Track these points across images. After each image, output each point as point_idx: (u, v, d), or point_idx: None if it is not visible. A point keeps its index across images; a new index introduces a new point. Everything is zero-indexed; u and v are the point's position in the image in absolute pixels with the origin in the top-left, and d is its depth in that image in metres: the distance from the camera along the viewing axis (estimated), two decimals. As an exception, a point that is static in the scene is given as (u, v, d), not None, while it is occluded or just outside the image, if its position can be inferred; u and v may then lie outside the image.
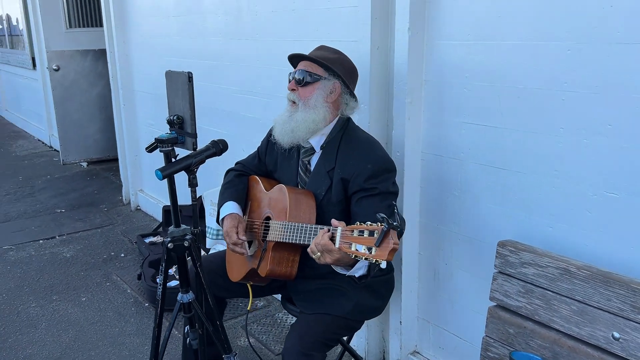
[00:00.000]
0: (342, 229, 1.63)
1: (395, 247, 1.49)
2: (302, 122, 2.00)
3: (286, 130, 2.03)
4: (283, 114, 2.08)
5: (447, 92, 2.21)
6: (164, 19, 4.08)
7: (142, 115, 4.80)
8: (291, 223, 1.89)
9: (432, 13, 2.20)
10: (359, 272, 1.76)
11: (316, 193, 2.03)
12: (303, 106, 2.01)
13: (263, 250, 2.01)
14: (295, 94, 2.04)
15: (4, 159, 7.06)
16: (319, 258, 1.71)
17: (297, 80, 2.04)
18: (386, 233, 1.48)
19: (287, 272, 1.99)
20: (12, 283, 3.67)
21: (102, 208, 5.15)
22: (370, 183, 1.93)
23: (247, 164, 2.34)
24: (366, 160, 1.96)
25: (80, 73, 6.30)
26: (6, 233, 4.54)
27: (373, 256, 1.49)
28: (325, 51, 2.08)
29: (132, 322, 3.18)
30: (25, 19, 7.33)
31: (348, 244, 1.58)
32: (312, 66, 2.04)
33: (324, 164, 2.04)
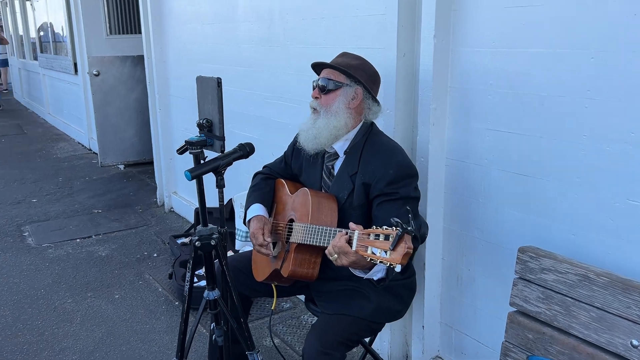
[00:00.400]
0: (359, 232, 1.68)
1: (409, 252, 1.52)
2: (324, 128, 2.05)
3: (309, 137, 2.09)
4: (307, 122, 2.14)
5: (471, 99, 2.23)
6: (199, 26, 4.20)
7: (176, 119, 4.94)
8: (313, 225, 1.94)
9: (457, 21, 2.23)
10: (377, 275, 1.80)
11: (338, 197, 2.07)
12: (324, 113, 2.07)
13: (286, 251, 2.07)
14: (317, 102, 2.09)
15: (45, 161, 7.33)
16: (336, 260, 1.76)
17: (320, 87, 2.09)
18: (400, 237, 1.52)
19: (308, 274, 2.04)
20: (50, 279, 3.81)
21: (137, 209, 5.30)
22: (391, 188, 1.97)
23: (274, 167, 2.40)
24: (388, 165, 2.00)
25: (119, 78, 6.50)
26: (46, 231, 4.72)
27: (387, 260, 1.53)
28: (347, 58, 2.13)
29: (162, 319, 3.28)
30: (69, 26, 7.62)
31: (364, 247, 1.62)
32: (334, 73, 2.08)
33: (346, 168, 2.09)
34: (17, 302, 3.50)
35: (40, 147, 8.26)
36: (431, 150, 2.35)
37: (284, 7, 3.18)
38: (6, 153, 7.81)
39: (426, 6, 2.25)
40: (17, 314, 3.34)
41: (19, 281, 3.78)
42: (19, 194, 5.81)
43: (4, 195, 5.75)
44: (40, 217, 5.07)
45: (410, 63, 2.41)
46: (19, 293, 3.61)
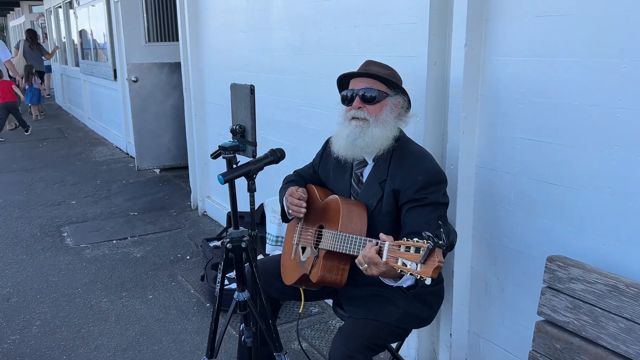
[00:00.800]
0: (389, 244, 1.70)
1: (440, 265, 1.53)
2: (379, 137, 2.04)
3: (359, 145, 2.05)
4: (347, 129, 2.08)
5: (502, 107, 2.24)
6: (234, 34, 4.30)
7: (211, 125, 5.04)
8: (342, 233, 1.97)
9: (488, 30, 2.24)
10: (407, 283, 1.82)
11: (368, 204, 2.09)
12: (375, 122, 2.05)
13: (315, 257, 2.10)
14: (363, 111, 2.07)
15: (85, 164, 7.56)
16: (366, 269, 1.78)
17: (365, 98, 2.07)
18: (432, 251, 1.53)
19: (337, 280, 2.07)
20: (87, 278, 3.94)
21: (171, 212, 5.42)
22: (420, 194, 1.98)
23: (303, 173, 2.45)
24: (417, 171, 2.02)
25: (157, 85, 6.67)
26: (84, 232, 4.87)
27: (418, 272, 1.54)
28: (378, 67, 2.15)
29: (194, 320, 3.35)
30: (109, 33, 7.86)
31: (394, 258, 1.64)
32: (376, 83, 2.09)
33: (376, 175, 2.11)
34: (55, 299, 3.62)
35: (80, 150, 8.52)
36: (461, 158, 2.36)
37: (318, 16, 3.24)
38: (48, 156, 8.07)
39: (457, 15, 2.27)
40: (55, 311, 3.46)
41: (58, 280, 3.92)
42: (59, 195, 6.01)
43: (45, 197, 5.95)
44: (79, 219, 5.23)
45: (440, 71, 2.42)
46: (58, 291, 3.74)
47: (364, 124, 2.06)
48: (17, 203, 5.74)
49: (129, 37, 6.55)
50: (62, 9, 11.77)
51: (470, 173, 2.39)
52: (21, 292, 3.73)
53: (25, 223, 5.12)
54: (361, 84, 2.11)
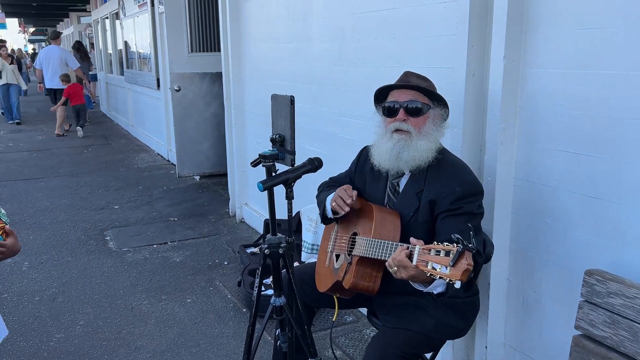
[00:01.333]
0: (419, 247, 1.72)
1: (469, 268, 1.55)
2: (424, 150, 2.03)
3: (404, 158, 2.04)
4: (390, 143, 2.07)
5: (541, 120, 2.23)
6: (274, 45, 4.38)
7: (250, 134, 5.14)
8: (374, 239, 2.00)
9: (528, 42, 2.24)
10: (437, 290, 1.84)
11: (404, 214, 2.11)
12: (418, 134, 2.05)
13: (348, 263, 2.13)
14: (407, 124, 2.06)
15: (128, 170, 7.78)
16: (395, 272, 1.80)
17: (410, 110, 2.07)
18: (461, 254, 1.55)
19: (369, 287, 2.09)
20: (128, 281, 4.06)
21: (210, 219, 5.53)
22: (456, 204, 2.00)
23: (339, 181, 2.47)
24: (454, 182, 2.03)
25: (198, 94, 6.83)
26: (125, 236, 5.01)
27: (447, 275, 1.56)
28: (418, 78, 2.16)
29: (231, 325, 3.41)
30: (154, 44, 8.09)
31: (424, 262, 1.66)
32: (419, 95, 2.09)
33: (412, 186, 2.12)
34: (98, 301, 3.75)
35: (123, 157, 8.77)
36: (499, 169, 2.36)
37: (356, 27, 3.28)
38: (92, 162, 8.34)
39: (497, 27, 2.27)
40: (98, 312, 3.58)
41: (101, 282, 4.05)
42: (103, 200, 6.21)
43: (90, 201, 6.16)
44: (121, 223, 5.39)
45: (479, 83, 2.43)
46: (100, 293, 3.87)
47: (407, 137, 2.06)
48: (63, 207, 5.96)
49: (173, 48, 6.73)
50: (109, 19, 12.18)
51: (508, 185, 2.38)
52: (66, 292, 3.87)
53: (70, 226, 5.31)
54: (405, 96, 2.10)
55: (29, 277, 4.13)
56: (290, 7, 4.05)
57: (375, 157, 2.16)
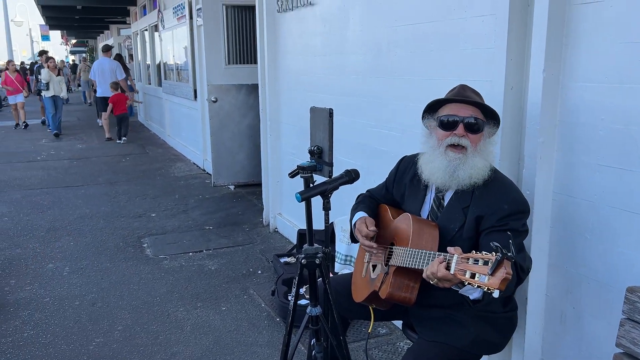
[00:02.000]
0: (457, 256, 1.72)
1: (508, 277, 1.54)
2: (481, 168, 2.01)
3: (460, 177, 2.02)
4: (444, 160, 2.04)
5: (581, 134, 2.20)
6: (311, 57, 4.44)
7: (285, 145, 5.19)
8: (412, 249, 2.00)
9: (568, 55, 2.22)
10: (473, 295, 1.83)
11: (449, 228, 2.09)
12: (474, 151, 2.03)
13: (385, 273, 2.14)
14: (465, 140, 2.03)
15: (164, 179, 7.94)
16: (437, 283, 1.80)
17: (470, 126, 2.04)
18: (499, 262, 1.55)
19: (406, 298, 2.10)
20: (165, 288, 4.13)
21: (244, 228, 5.60)
22: (502, 221, 1.99)
23: (376, 193, 2.49)
24: (503, 200, 2.01)
25: (234, 105, 6.95)
26: (162, 244, 5.12)
27: (485, 284, 1.56)
28: (473, 93, 2.13)
29: (264, 334, 3.45)
30: (191, 55, 8.27)
31: (463, 271, 1.67)
32: (477, 112, 2.06)
33: (458, 200, 2.10)
34: (135, 307, 3.83)
35: (160, 166, 8.95)
36: (537, 183, 2.34)
37: (393, 40, 3.30)
38: (130, 170, 8.54)
39: (536, 41, 2.27)
40: (135, 318, 3.66)
41: (138, 288, 4.14)
42: (141, 208, 6.35)
43: (128, 209, 6.30)
44: (158, 231, 5.50)
45: (517, 96, 2.42)
46: (138, 299, 3.95)
47: (463, 154, 2.03)
48: (102, 214, 6.11)
49: (210, 60, 6.87)
50: (148, 32, 12.49)
51: (547, 199, 2.36)
52: (105, 298, 3.97)
53: (109, 233, 5.45)
54: (465, 111, 2.06)
55: (69, 282, 4.25)
56: (327, 21, 4.10)
57: (426, 172, 2.13)
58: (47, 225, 5.73)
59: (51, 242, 5.20)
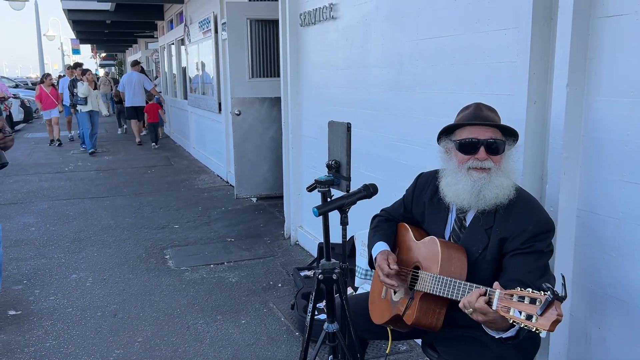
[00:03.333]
0: (500, 292, 1.64)
1: (559, 319, 1.46)
2: (506, 187, 1.97)
3: (487, 197, 1.97)
4: (468, 181, 2.00)
5: (606, 149, 2.15)
6: (332, 71, 4.44)
7: (307, 158, 5.20)
8: (442, 277, 1.94)
9: (592, 70, 2.18)
10: (507, 334, 1.77)
11: (472, 250, 2.04)
12: (497, 171, 1.99)
13: (410, 298, 2.08)
14: (489, 162, 2.00)
15: (188, 191, 8.01)
16: (471, 314, 1.74)
17: (491, 148, 2.00)
18: (550, 303, 1.46)
19: (432, 324, 2.05)
20: (186, 300, 4.15)
21: (265, 240, 5.60)
22: (527, 243, 1.94)
23: (392, 212, 2.43)
24: (527, 221, 1.96)
25: (257, 118, 6.99)
26: (184, 256, 5.14)
27: (534, 325, 1.48)
28: (490, 111, 2.09)
29: (283, 348, 3.42)
30: (216, 69, 8.36)
31: (506, 308, 1.59)
32: (497, 132, 2.03)
33: (481, 221, 2.05)
34: (156, 318, 3.85)
35: (184, 177, 9.04)
36: (561, 200, 2.28)
37: (414, 53, 3.29)
38: (155, 182, 8.64)
39: (560, 55, 2.23)
40: (155, 330, 3.68)
41: (159, 300, 4.16)
42: (164, 219, 6.40)
43: (152, 220, 6.37)
44: (181, 242, 5.54)
45: (540, 111, 2.38)
46: (159, 311, 3.97)
47: (487, 174, 1.99)
48: (126, 225, 6.18)
49: (234, 73, 6.93)
50: (175, 45, 12.70)
51: (571, 216, 2.30)
52: (126, 309, 4.00)
53: (132, 244, 5.50)
54: (485, 133, 2.01)
55: (92, 293, 4.29)
56: (349, 35, 4.11)
57: (450, 194, 2.07)
58: (72, 235, 5.81)
59: (75, 252, 5.27)
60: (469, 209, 2.07)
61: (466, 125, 2.06)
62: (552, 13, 2.32)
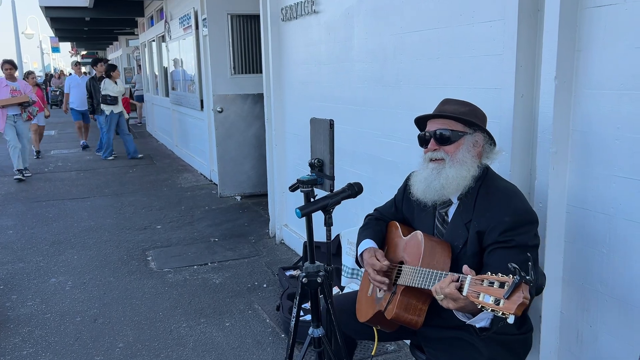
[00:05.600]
0: (471, 278, 1.61)
1: (525, 302, 1.43)
2: (453, 178, 1.96)
3: (434, 187, 1.99)
4: (425, 172, 2.04)
5: (596, 143, 2.10)
6: (315, 66, 4.36)
7: (291, 155, 5.11)
8: (422, 269, 1.90)
9: (581, 62, 2.12)
10: (481, 324, 1.72)
11: (453, 245, 2.00)
12: (451, 162, 1.98)
13: (392, 293, 2.03)
14: (440, 152, 2.01)
15: (171, 190, 7.88)
16: (442, 300, 1.70)
17: (439, 139, 2.01)
18: (517, 286, 1.43)
19: (413, 320, 1.99)
20: (168, 303, 4.05)
21: (250, 239, 5.51)
22: (505, 236, 1.87)
23: (385, 211, 2.38)
24: (503, 212, 1.90)
25: (240, 115, 6.88)
26: (167, 257, 5.04)
27: (500, 308, 1.45)
28: (455, 105, 2.07)
29: (269, 351, 3.34)
30: (197, 66, 8.23)
31: (476, 293, 1.56)
32: (450, 123, 2.02)
33: (461, 215, 2.01)
34: (138, 322, 3.74)
35: (166, 176, 8.90)
36: (551, 195, 2.23)
37: (398, 48, 3.22)
38: (137, 181, 8.50)
39: (547, 46, 2.17)
40: (137, 335, 3.57)
41: (141, 303, 4.05)
42: (146, 220, 6.28)
43: (133, 221, 6.24)
44: (163, 243, 5.43)
45: (528, 104, 2.32)
46: (140, 314, 3.87)
47: (440, 165, 2.00)
48: (107, 226, 6.05)
49: (216, 70, 6.82)
50: (155, 42, 12.51)
51: (561, 212, 2.25)
52: (107, 313, 3.89)
53: (113, 246, 5.38)
54: (436, 125, 2.05)
55: (71, 297, 4.17)
56: (332, 29, 4.03)
57: (413, 187, 2.11)
58: (52, 238, 5.67)
59: (55, 255, 5.14)
60: (423, 199, 2.06)
61: (426, 119, 2.11)
62: (539, 4, 2.25)
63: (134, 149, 10.66)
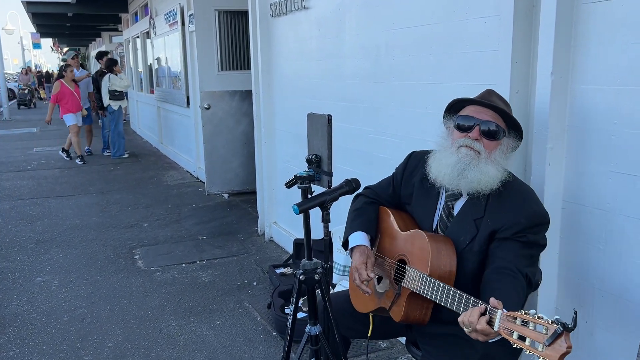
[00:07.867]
0: (502, 313, 1.53)
1: (569, 351, 1.36)
2: (491, 177, 1.86)
3: (468, 177, 1.87)
4: (454, 157, 1.91)
5: (592, 139, 2.10)
6: (305, 62, 4.33)
7: (280, 152, 5.07)
8: (433, 279, 1.84)
9: (577, 57, 2.12)
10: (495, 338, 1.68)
11: (458, 240, 1.95)
12: (487, 158, 1.89)
13: (397, 294, 1.99)
14: (479, 144, 1.90)
15: (157, 188, 7.79)
16: (470, 332, 1.63)
17: (486, 132, 1.91)
18: (559, 335, 1.37)
19: (420, 318, 1.97)
20: (157, 302, 3.99)
21: (239, 237, 5.47)
22: (518, 234, 1.85)
23: (380, 192, 2.27)
24: (520, 214, 1.86)
25: (228, 112, 6.82)
26: (154, 255, 4.97)
27: (540, 354, 1.38)
28: (500, 100, 1.99)
29: (260, 349, 3.31)
30: (184, 62, 8.15)
31: (509, 330, 1.49)
32: (498, 119, 1.93)
33: (470, 211, 1.96)
34: (126, 322, 3.69)
35: (152, 174, 8.81)
36: (546, 191, 2.23)
37: (391, 43, 3.20)
38: (122, 179, 8.40)
39: (543, 42, 2.17)
40: (126, 334, 3.52)
41: (129, 302, 3.99)
42: (132, 218, 6.20)
43: (119, 219, 6.16)
44: (150, 241, 5.36)
45: (524, 100, 2.32)
46: (129, 313, 3.81)
47: (476, 156, 1.89)
48: (93, 225, 5.97)
49: (203, 66, 6.76)
50: (140, 38, 12.37)
51: (557, 208, 2.25)
52: (95, 313, 3.83)
53: (100, 244, 5.30)
54: (484, 115, 1.93)
55: (58, 297, 4.10)
56: (322, 25, 4.00)
57: (433, 169, 1.98)
58: (36, 237, 5.58)
59: (40, 254, 5.05)
60: (450, 187, 1.96)
61: (470, 104, 1.99)
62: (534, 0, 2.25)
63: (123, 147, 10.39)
